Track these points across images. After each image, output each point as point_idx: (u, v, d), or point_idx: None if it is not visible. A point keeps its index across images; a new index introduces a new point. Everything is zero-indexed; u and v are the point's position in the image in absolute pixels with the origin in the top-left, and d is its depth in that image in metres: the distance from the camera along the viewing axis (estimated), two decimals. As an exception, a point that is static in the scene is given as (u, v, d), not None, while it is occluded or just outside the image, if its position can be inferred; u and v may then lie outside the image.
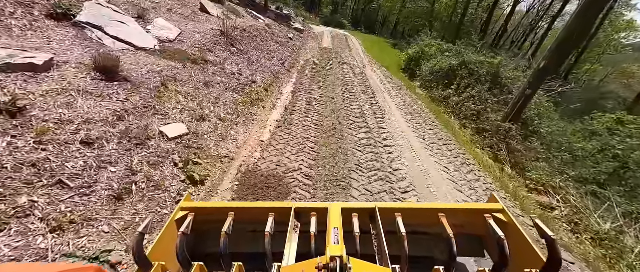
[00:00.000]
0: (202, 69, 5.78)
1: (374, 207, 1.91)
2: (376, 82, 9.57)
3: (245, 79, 6.74)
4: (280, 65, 9.42)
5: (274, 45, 10.74)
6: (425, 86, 10.84)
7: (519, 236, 1.73)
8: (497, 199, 2.06)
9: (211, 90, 5.38)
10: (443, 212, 1.89)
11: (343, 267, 1.24)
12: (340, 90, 7.99)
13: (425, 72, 11.43)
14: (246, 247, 1.95)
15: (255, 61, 8.15)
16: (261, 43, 9.78)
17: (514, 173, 5.96)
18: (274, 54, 9.95)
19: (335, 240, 1.50)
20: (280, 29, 14.43)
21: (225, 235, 1.67)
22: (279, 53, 10.42)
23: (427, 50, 13.01)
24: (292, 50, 12.20)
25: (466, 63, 9.92)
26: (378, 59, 15.18)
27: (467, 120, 8.14)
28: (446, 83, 10.12)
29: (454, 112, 8.72)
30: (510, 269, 1.64)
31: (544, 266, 1.46)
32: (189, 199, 2.03)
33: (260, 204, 2.41)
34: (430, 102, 9.10)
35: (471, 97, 8.65)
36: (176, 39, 6.20)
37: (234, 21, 9.05)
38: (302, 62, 11.11)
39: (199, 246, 1.99)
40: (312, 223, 1.78)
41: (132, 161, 3.00)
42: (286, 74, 8.99)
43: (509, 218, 1.85)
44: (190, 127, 4.05)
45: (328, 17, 34.82)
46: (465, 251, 2.05)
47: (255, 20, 12.67)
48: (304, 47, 14.42)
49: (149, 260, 1.45)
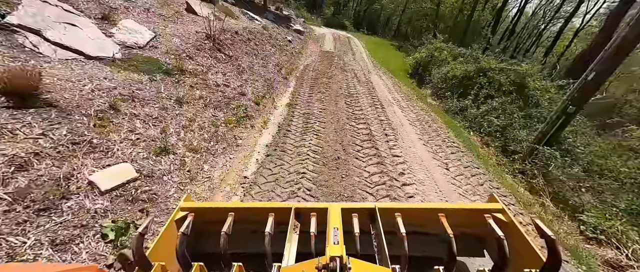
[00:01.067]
0: (176, 82, 4.69)
1: (373, 207, 1.89)
2: (383, 92, 8.44)
3: (232, 92, 5.64)
4: (277, 72, 8.32)
5: (270, 49, 9.64)
6: (438, 95, 9.69)
7: (519, 235, 1.71)
8: (497, 198, 2.04)
9: (185, 109, 4.28)
10: (443, 212, 1.86)
11: (343, 267, 1.22)
12: (344, 103, 6.87)
13: (436, 79, 10.28)
14: (246, 247, 1.94)
15: (247, 69, 7.05)
16: (255, 47, 8.67)
17: (557, 210, 4.83)
18: (270, 59, 8.85)
19: (335, 240, 1.48)
20: (279, 31, 13.33)
21: (225, 235, 1.65)
22: (275, 58, 9.31)
23: (437, 55, 11.86)
24: (290, 54, 11.09)
25: (484, 70, 8.78)
26: (383, 63, 14.04)
27: (490, 138, 7.00)
28: (462, 92, 8.98)
29: (473, 126, 7.58)
30: (510, 268, 1.62)
31: (543, 266, 1.44)
32: (188, 199, 1.99)
33: (260, 204, 2.38)
34: (444, 115, 7.96)
35: (493, 109, 7.50)
36: (148, 44, 5.11)
37: (223, 23, 7.95)
38: (301, 68, 10.00)
39: (199, 246, 1.98)
40: (312, 223, 1.77)
41: (25, 241, 1.91)
42: (283, 83, 7.88)
43: (509, 218, 1.84)
44: (143, 167, 2.95)
45: (330, 18, 33.69)
46: (465, 250, 2.02)
47: (251, 21, 11.57)
48: (304, 50, 13.31)
49: (148, 260, 1.43)
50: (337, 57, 12.65)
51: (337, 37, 19.83)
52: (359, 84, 8.67)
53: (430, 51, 12.51)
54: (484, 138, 7.12)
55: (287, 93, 7.25)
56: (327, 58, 12.25)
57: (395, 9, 42.39)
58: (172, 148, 3.45)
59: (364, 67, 11.70)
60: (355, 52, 15.33)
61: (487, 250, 2.09)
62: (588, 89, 5.19)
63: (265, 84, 7.08)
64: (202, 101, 4.78)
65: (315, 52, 13.68)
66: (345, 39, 19.83)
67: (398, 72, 12.93)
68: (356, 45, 18.18)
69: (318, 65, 10.65)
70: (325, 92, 7.45)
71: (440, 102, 9.26)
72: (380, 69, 12.38)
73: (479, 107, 7.98)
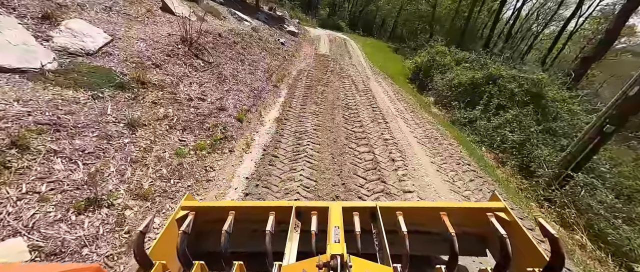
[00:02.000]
0: (132, 98, 3.69)
1: (375, 206, 1.86)
2: (385, 102, 7.54)
3: (208, 107, 4.65)
4: (266, 80, 7.35)
5: (259, 54, 8.65)
6: (442, 104, 8.84)
7: (521, 234, 1.68)
8: (499, 197, 1.98)
9: (140, 134, 3.29)
10: (444, 210, 1.83)
11: (343, 265, 1.21)
12: (342, 117, 5.94)
13: (440, 85, 9.44)
14: (247, 246, 1.92)
15: (230, 77, 6.07)
16: (242, 51, 7.68)
17: (596, 251, 3.99)
18: (259, 65, 7.87)
19: (336, 238, 1.46)
20: (271, 33, 12.34)
21: (226, 234, 1.64)
22: (265, 63, 8.33)
23: (440, 60, 11.03)
24: (283, 58, 10.12)
25: (493, 77, 7.95)
26: (381, 66, 13.16)
27: (505, 154, 6.16)
28: (469, 101, 8.14)
29: (485, 140, 6.74)
30: (513, 268, 1.58)
31: (546, 265, 1.41)
32: (189, 198, 1.98)
33: (260, 203, 2.38)
34: (453, 128, 7.10)
35: (507, 122, 6.67)
36: (100, 50, 4.09)
37: (201, 24, 6.95)
38: (294, 74, 9.04)
39: (200, 244, 1.95)
40: (313, 222, 1.74)
41: None
42: (272, 92, 6.91)
43: (511, 217, 1.80)
44: (47, 238, 1.97)
45: (325, 19, 32.76)
46: (467, 249, 1.95)
47: (240, 22, 10.56)
48: (297, 53, 12.35)
49: (149, 259, 1.42)
50: (333, 61, 11.72)
51: (333, 39, 18.90)
52: (358, 93, 7.75)
53: (431, 55, 11.68)
54: (498, 155, 6.28)
55: (276, 105, 6.28)
56: (322, 62, 11.32)
57: (391, 11, 41.75)
58: (108, 197, 2.46)
59: (362, 72, 10.79)
60: (352, 55, 14.42)
61: (490, 249, 2.04)
62: (628, 106, 4.36)
63: (252, 95, 6.10)
64: (167, 122, 3.80)
65: (310, 55, 12.73)
66: (341, 41, 18.92)
67: (397, 77, 12.06)
68: (353, 48, 17.29)
69: (313, 70, 9.70)
70: (320, 104, 6.51)
71: (445, 111, 8.41)
72: (379, 74, 11.49)
73: (489, 119, 7.15)
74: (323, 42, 16.92)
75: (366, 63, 13.20)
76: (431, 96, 9.88)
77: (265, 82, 7.18)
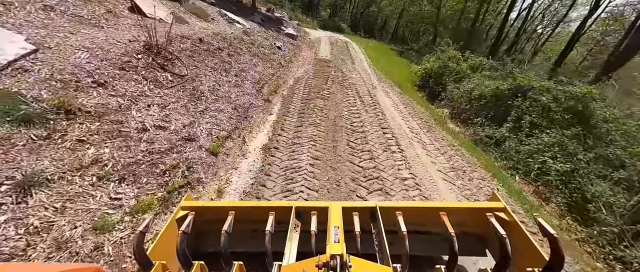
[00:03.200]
0: (44, 138, 2.49)
1: (374, 206, 1.85)
2: (396, 119, 6.31)
3: (169, 139, 3.45)
4: (256, 93, 6.14)
5: (250, 61, 7.44)
6: (460, 118, 7.61)
7: (521, 234, 1.67)
8: (499, 197, 1.97)
9: (35, 200, 2.09)
10: (444, 211, 1.81)
11: (343, 265, 1.19)
12: (346, 145, 4.70)
13: (456, 96, 8.20)
14: (246, 246, 1.91)
15: (208, 93, 4.86)
16: (228, 59, 6.48)
17: None
18: (248, 74, 6.66)
19: (335, 238, 1.45)
20: (266, 36, 11.14)
21: (226, 234, 1.62)
22: (256, 72, 7.12)
23: (453, 66, 9.79)
24: (278, 65, 8.91)
25: (523, 89, 6.71)
26: (386, 72, 11.93)
27: (548, 189, 4.92)
28: (493, 116, 6.91)
29: (518, 166, 5.51)
30: (512, 267, 1.56)
31: (546, 265, 1.40)
32: (189, 199, 1.96)
33: (260, 204, 2.33)
34: (475, 149, 5.87)
35: (546, 147, 5.42)
36: (12, 66, 2.89)
37: (183, 27, 5.76)
38: (290, 83, 7.82)
39: (200, 244, 1.95)
40: (313, 222, 1.71)
41: None
42: (262, 109, 5.70)
43: (511, 217, 1.79)
44: None
45: (326, 20, 31.50)
46: (466, 249, 1.92)
47: (230, 25, 9.36)
48: (296, 58, 11.14)
49: (149, 259, 1.40)
50: (334, 68, 10.50)
51: (334, 42, 17.67)
52: (364, 108, 6.52)
53: (443, 61, 10.43)
54: (538, 188, 5.04)
55: (266, 125, 5.07)
56: (323, 68, 10.10)
57: (393, 12, 40.54)
58: None
59: (366, 80, 9.56)
60: (354, 60, 13.18)
61: (489, 249, 2.00)
62: None
63: (235, 115, 4.89)
64: (96, 170, 2.59)
65: (309, 60, 11.52)
66: (342, 44, 17.68)
67: (405, 85, 10.83)
68: (355, 52, 16.05)
69: (312, 78, 8.48)
70: (319, 124, 5.28)
71: (465, 128, 7.18)
72: (385, 81, 10.25)
73: (521, 141, 5.90)
74: (324, 45, 15.69)
75: (370, 69, 11.96)
76: (445, 108, 8.64)
77: (255, 96, 5.97)
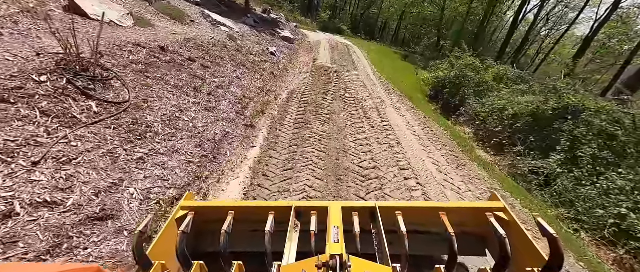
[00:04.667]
0: None
1: (374, 206, 1.82)
2: (415, 149, 4.86)
3: (55, 227, 1.99)
4: (235, 117, 4.68)
5: (233, 73, 5.97)
6: (488, 141, 6.15)
7: (521, 234, 1.64)
8: (499, 197, 1.94)
9: None
10: (444, 210, 1.78)
11: (343, 265, 1.18)
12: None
13: (482, 114, 6.75)
14: (246, 246, 1.89)
15: (160, 125, 3.39)
16: (201, 72, 5.01)
17: None
18: (229, 91, 5.20)
19: (335, 238, 1.43)
20: (259, 40, 9.68)
21: (225, 234, 1.59)
22: (239, 86, 5.66)
23: (473, 75, 8.33)
24: (269, 76, 7.45)
25: (574, 110, 5.26)
26: (393, 81, 10.48)
27: (634, 254, 3.48)
28: (533, 142, 5.45)
29: (581, 218, 4.06)
30: (512, 267, 1.54)
31: (546, 265, 1.38)
32: (189, 198, 1.93)
33: (260, 203, 2.34)
34: (519, 190, 4.43)
35: (621, 192, 3.97)
36: None
37: (144, 32, 4.32)
38: (283, 98, 6.37)
39: (199, 244, 1.91)
40: (312, 222, 1.68)
41: None
42: (241, 139, 4.24)
43: (511, 216, 1.76)
44: None
45: (326, 22, 29.97)
46: (466, 249, 1.89)
47: (214, 28, 7.88)
48: (292, 65, 9.68)
49: (149, 259, 1.39)
50: (335, 77, 9.03)
51: (334, 46, 16.20)
52: (374, 136, 5.04)
53: (459, 69, 8.97)
54: (619, 255, 3.59)
55: (242, 169, 3.60)
56: (322, 78, 8.64)
57: (393, 14, 39.12)
58: None
59: (373, 92, 8.10)
60: (357, 67, 11.71)
61: (489, 249, 1.97)
62: None
63: (199, 155, 3.42)
64: None
65: (307, 66, 10.06)
66: (343, 48, 16.21)
67: (415, 96, 9.39)
68: (357, 57, 14.58)
69: (309, 91, 7.02)
70: (316, 165, 3.80)
71: (499, 157, 5.72)
72: (393, 92, 8.79)
73: (581, 181, 4.46)
74: (323, 50, 14.22)
75: (375, 77, 10.48)
76: (466, 126, 7.19)
77: (233, 122, 4.51)
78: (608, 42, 22.63)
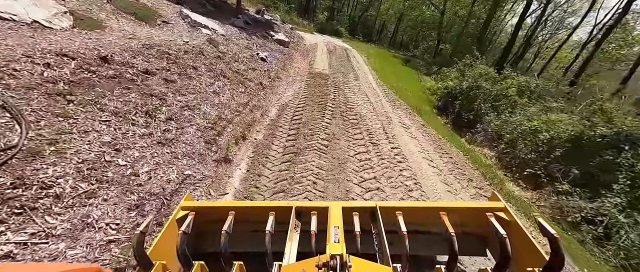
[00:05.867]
0: None
1: (374, 206, 1.79)
2: (438, 189, 3.72)
3: None
4: (202, 149, 3.47)
5: (208, 87, 4.76)
6: (518, 170, 5.03)
7: (521, 234, 1.61)
8: (499, 197, 1.88)
9: None
10: (444, 210, 1.74)
11: (343, 265, 1.16)
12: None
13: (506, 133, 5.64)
14: (247, 246, 1.87)
15: (71, 179, 2.19)
16: (161, 90, 3.80)
17: None
18: (198, 111, 3.99)
19: (335, 238, 1.41)
20: (248, 44, 8.47)
21: (226, 234, 1.57)
22: (214, 105, 4.45)
23: (488, 86, 7.23)
24: (257, 87, 6.25)
25: (629, 138, 4.18)
26: (397, 90, 9.34)
27: None
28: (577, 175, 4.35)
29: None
30: (512, 267, 1.50)
31: (546, 265, 1.34)
32: (189, 199, 1.89)
33: (260, 204, 2.30)
34: (569, 239, 3.33)
35: None
36: None
37: (78, 39, 3.10)
38: (271, 116, 5.19)
39: (200, 245, 1.89)
40: (313, 222, 1.66)
41: None
42: (205, 184, 3.03)
43: (511, 216, 1.72)
44: None
45: (323, 24, 28.75)
46: (466, 249, 1.87)
47: (192, 30, 6.66)
48: (285, 72, 8.50)
49: (149, 259, 1.36)
50: (334, 86, 7.87)
51: (332, 49, 15.02)
52: (385, 174, 3.85)
53: (473, 79, 7.86)
54: None
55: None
56: (319, 88, 7.47)
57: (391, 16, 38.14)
58: None
59: (377, 106, 6.96)
60: (358, 73, 10.55)
61: (489, 249, 1.93)
62: None
63: (130, 223, 2.24)
64: None
65: (302, 73, 8.89)
66: (342, 52, 15.03)
67: (422, 107, 8.27)
68: (357, 62, 13.41)
69: (303, 107, 5.85)
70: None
71: (535, 193, 4.61)
72: (399, 105, 7.65)
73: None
74: (320, 54, 13.04)
75: (378, 87, 9.32)
76: (486, 147, 6.08)
77: (200, 158, 3.31)
78: (605, 46, 21.90)
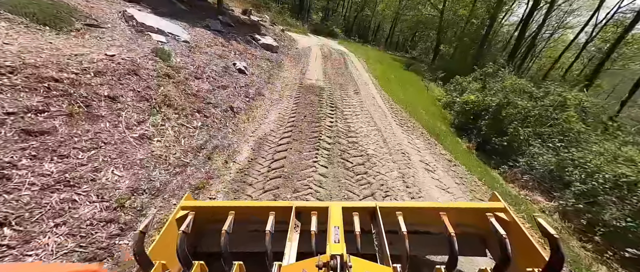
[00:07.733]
0: None
1: (374, 206, 1.77)
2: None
3: None
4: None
5: (125, 132, 2.93)
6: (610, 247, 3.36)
7: (521, 234, 1.58)
8: (499, 197, 1.86)
9: None
10: (444, 211, 1.72)
11: (343, 265, 1.14)
12: None
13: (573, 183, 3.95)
14: (247, 246, 1.85)
15: None
16: (11, 155, 2.01)
17: None
18: (90, 185, 2.21)
19: (335, 238, 1.41)
20: (224, 51, 6.61)
21: (226, 234, 1.55)
22: (132, 160, 2.66)
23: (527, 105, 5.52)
24: (222, 115, 4.43)
25: None
26: (406, 104, 7.60)
27: None
28: None
29: None
30: (512, 268, 1.47)
31: (546, 265, 1.32)
32: (189, 198, 1.86)
33: (260, 203, 2.24)
34: None
35: None
36: None
37: None
38: (239, 164, 3.39)
39: (200, 244, 1.87)
40: (313, 222, 1.64)
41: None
42: None
43: (511, 217, 1.70)
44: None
45: (318, 25, 26.84)
46: (466, 249, 1.82)
47: (136, 37, 4.77)
48: (269, 87, 6.67)
49: (149, 258, 1.34)
50: (330, 106, 6.08)
51: (327, 53, 13.18)
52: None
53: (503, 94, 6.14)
54: None
55: None
56: (311, 109, 5.68)
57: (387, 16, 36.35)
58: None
59: (387, 134, 5.19)
60: (358, 85, 8.72)
61: (489, 249, 1.90)
62: None
63: None
64: None
65: (291, 87, 7.08)
66: (338, 56, 13.18)
67: (438, 125, 6.56)
68: (356, 68, 11.60)
69: (287, 143, 4.07)
70: None
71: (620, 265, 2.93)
72: (413, 129, 5.89)
73: None
74: (314, 60, 11.20)
75: (385, 104, 7.48)
76: (536, 192, 4.37)
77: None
78: (603, 47, 20.62)
